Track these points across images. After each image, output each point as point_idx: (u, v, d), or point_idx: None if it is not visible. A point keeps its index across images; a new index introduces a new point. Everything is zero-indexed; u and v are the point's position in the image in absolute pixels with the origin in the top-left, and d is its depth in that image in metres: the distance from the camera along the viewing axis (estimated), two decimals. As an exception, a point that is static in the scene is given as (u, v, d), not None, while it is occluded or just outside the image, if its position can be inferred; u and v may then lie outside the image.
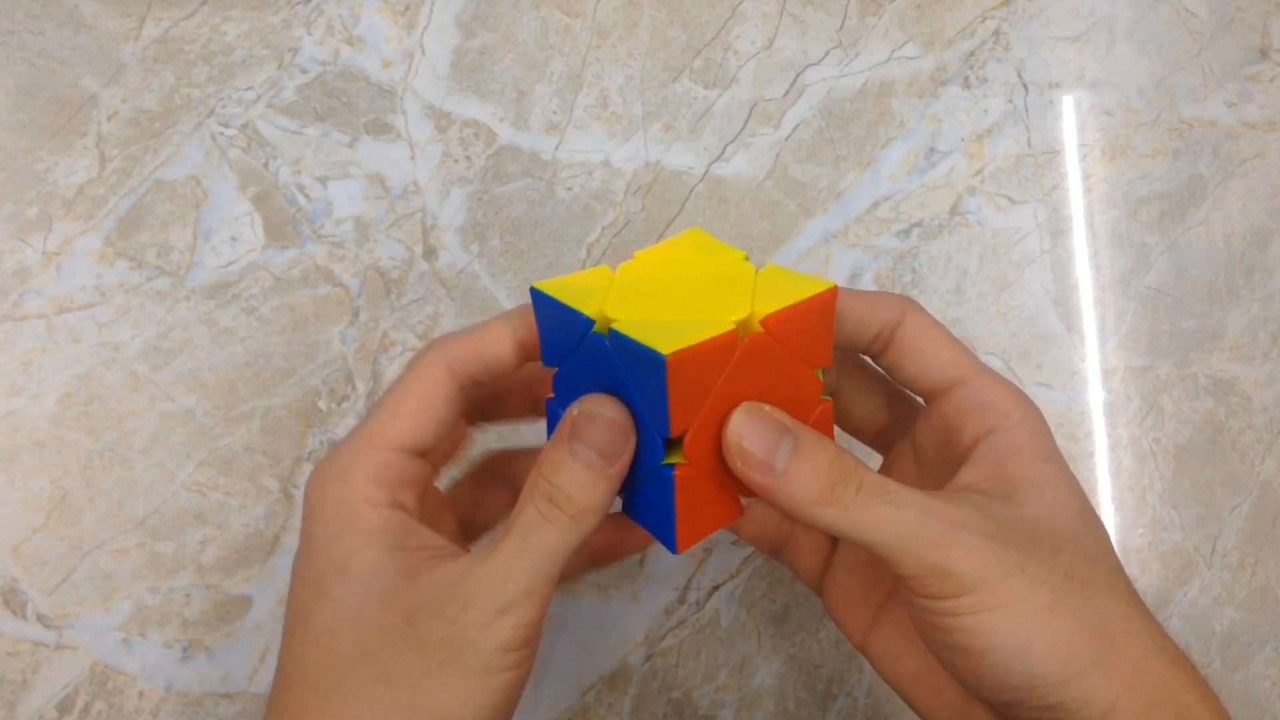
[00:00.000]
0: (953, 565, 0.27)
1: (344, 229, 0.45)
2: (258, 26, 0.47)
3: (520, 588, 0.27)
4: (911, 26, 0.50)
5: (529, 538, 0.27)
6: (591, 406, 0.27)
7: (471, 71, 0.47)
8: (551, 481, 0.27)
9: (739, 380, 0.27)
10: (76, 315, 0.43)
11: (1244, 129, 0.50)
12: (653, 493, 0.28)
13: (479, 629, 0.26)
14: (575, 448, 0.27)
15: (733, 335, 0.26)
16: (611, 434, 0.27)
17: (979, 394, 0.31)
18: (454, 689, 0.26)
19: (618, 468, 0.27)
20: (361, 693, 0.27)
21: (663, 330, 0.26)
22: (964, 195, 0.48)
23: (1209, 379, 0.47)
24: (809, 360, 0.29)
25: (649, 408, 0.27)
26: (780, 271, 0.29)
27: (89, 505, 0.41)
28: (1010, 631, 0.27)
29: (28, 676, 0.40)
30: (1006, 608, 0.27)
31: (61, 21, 0.46)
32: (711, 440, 0.28)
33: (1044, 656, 0.27)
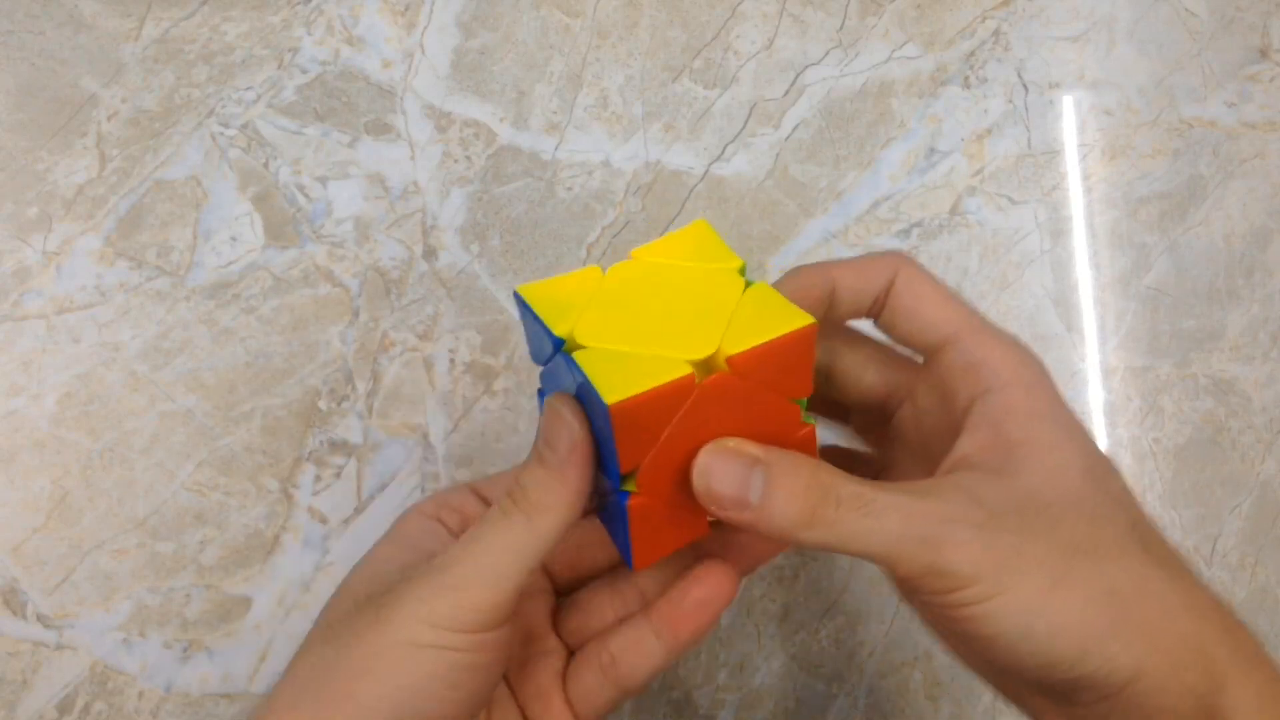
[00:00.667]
0: (946, 564, 0.26)
1: (344, 229, 0.45)
2: (258, 26, 0.47)
3: (464, 571, 0.27)
4: (911, 26, 0.50)
5: (482, 526, 0.28)
6: (551, 407, 0.28)
7: (471, 71, 0.47)
8: (518, 479, 0.28)
9: (700, 417, 0.26)
10: (76, 315, 0.43)
11: (1244, 129, 0.50)
12: (613, 512, 0.28)
13: (413, 599, 0.26)
14: (538, 447, 0.28)
15: (688, 381, 0.25)
16: (563, 433, 0.27)
17: (970, 353, 0.30)
18: (377, 653, 0.26)
19: (571, 468, 0.27)
20: (309, 648, 0.28)
21: (617, 370, 0.26)
22: (964, 195, 0.48)
23: (1209, 379, 0.47)
24: (785, 392, 0.28)
25: (602, 439, 0.26)
26: (765, 295, 0.28)
27: (89, 505, 0.41)
28: (1013, 616, 0.26)
29: (28, 676, 0.40)
30: (1006, 594, 0.26)
31: (61, 21, 0.46)
32: (668, 472, 0.27)
33: (1051, 636, 0.26)
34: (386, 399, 0.43)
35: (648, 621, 0.30)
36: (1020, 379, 0.30)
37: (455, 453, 0.43)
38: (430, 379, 0.44)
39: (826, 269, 0.32)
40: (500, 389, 0.44)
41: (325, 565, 0.42)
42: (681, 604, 0.30)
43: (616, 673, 0.30)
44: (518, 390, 0.44)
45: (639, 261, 0.30)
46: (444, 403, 0.44)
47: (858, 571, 0.45)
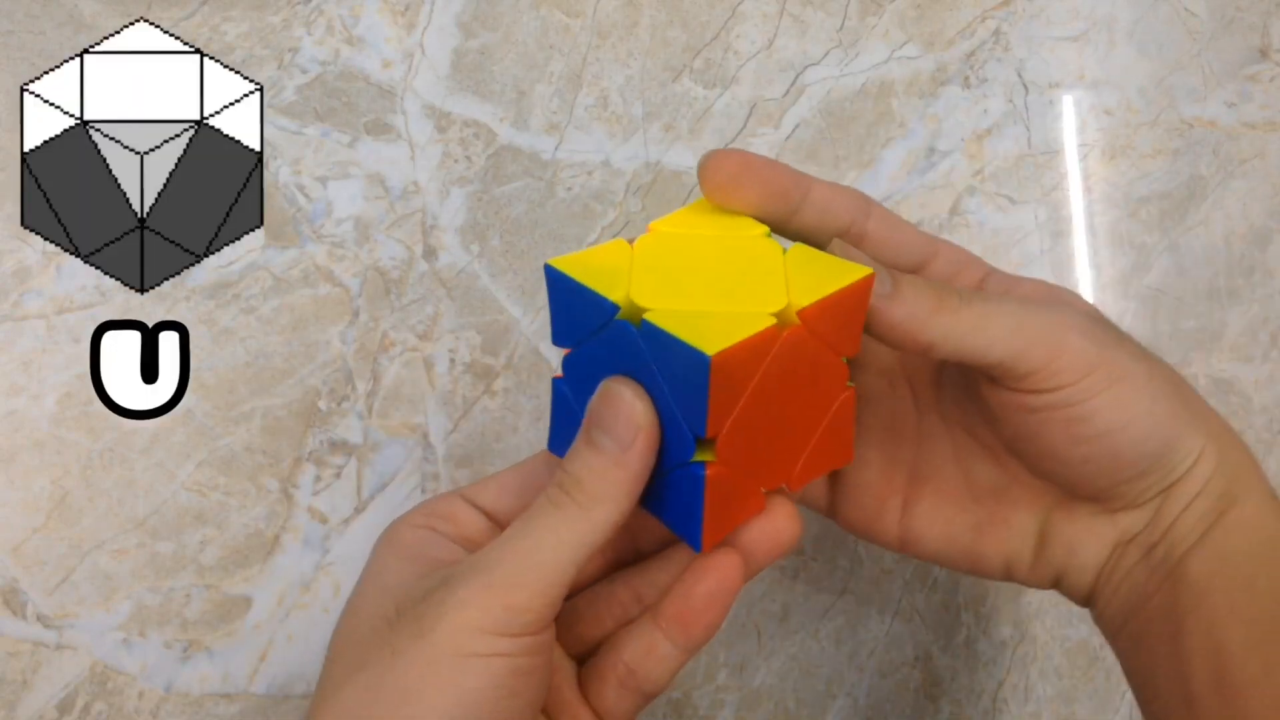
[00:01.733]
0: (1072, 342, 0.28)
1: (344, 229, 0.45)
2: (258, 26, 0.47)
3: (511, 570, 0.25)
4: (911, 26, 0.50)
5: (530, 520, 0.26)
6: (608, 389, 0.26)
7: (471, 71, 0.47)
8: (566, 468, 0.26)
9: (776, 375, 0.26)
10: (76, 315, 0.43)
11: (1244, 129, 0.50)
12: (678, 489, 0.27)
13: (457, 606, 0.25)
14: (592, 433, 0.26)
15: (775, 331, 0.25)
16: (628, 419, 0.26)
17: (956, 255, 0.32)
18: (422, 669, 0.24)
19: (633, 455, 0.26)
20: (343, 679, 0.26)
21: (702, 325, 0.24)
22: (964, 195, 0.48)
23: (1209, 379, 0.47)
24: (838, 349, 0.27)
25: (684, 404, 0.25)
26: (809, 253, 0.28)
27: (89, 505, 0.41)
28: (1139, 400, 0.28)
29: (28, 676, 0.40)
30: (1125, 380, 0.28)
31: (61, 21, 0.46)
32: (746, 437, 0.26)
33: (1164, 417, 0.28)
34: (386, 399, 0.43)
35: (656, 625, 0.29)
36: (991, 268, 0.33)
37: (455, 453, 0.43)
38: (430, 379, 0.44)
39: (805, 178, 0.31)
40: (500, 389, 0.44)
41: (325, 565, 0.42)
42: (690, 600, 0.28)
43: (636, 682, 0.29)
44: (518, 390, 0.44)
45: (662, 233, 0.29)
46: (444, 403, 0.44)
47: (858, 571, 0.45)
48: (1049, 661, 0.46)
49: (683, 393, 0.25)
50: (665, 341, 0.24)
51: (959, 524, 0.32)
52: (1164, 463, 0.29)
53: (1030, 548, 0.32)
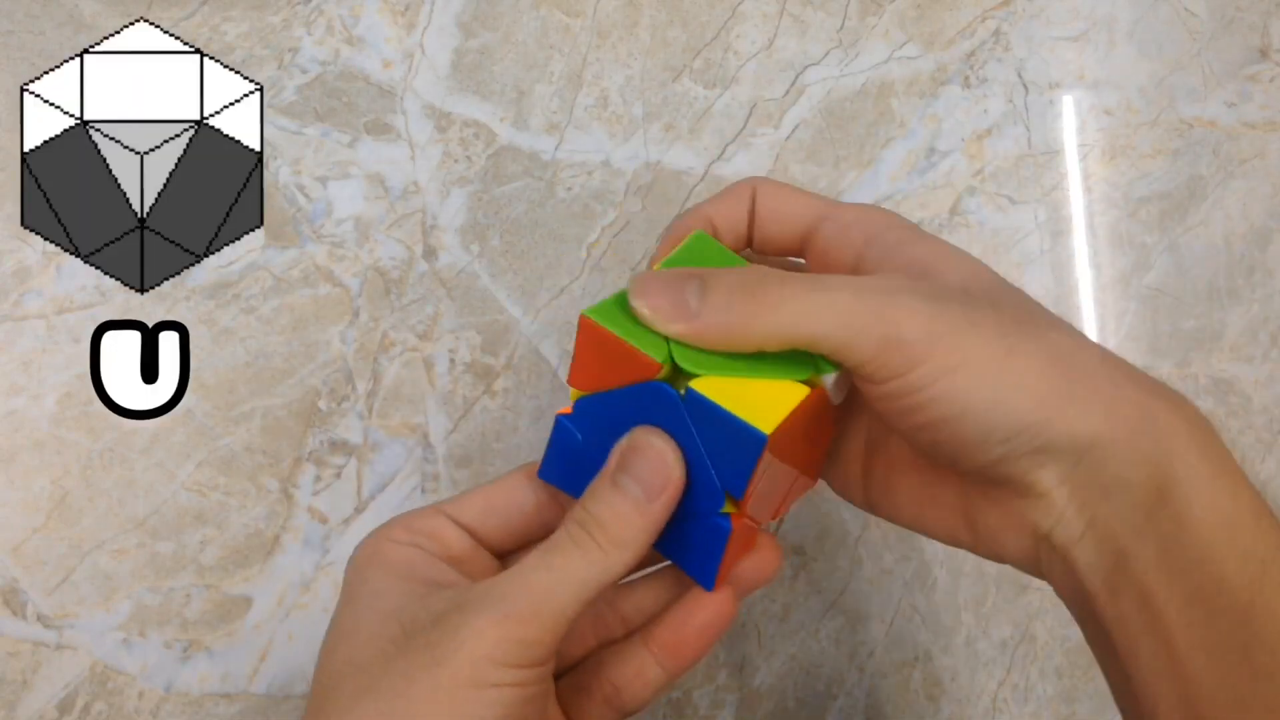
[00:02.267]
0: (902, 332, 0.26)
1: (344, 229, 0.45)
2: (258, 26, 0.47)
3: (528, 603, 0.25)
4: (911, 26, 0.50)
5: (550, 555, 0.26)
6: (643, 440, 0.27)
7: (471, 71, 0.47)
8: (587, 509, 0.27)
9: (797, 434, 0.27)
10: (76, 315, 0.43)
11: (1244, 129, 0.50)
12: (699, 536, 0.28)
13: (473, 635, 0.25)
14: (619, 478, 0.27)
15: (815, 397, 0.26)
16: (661, 471, 0.26)
17: (839, 219, 0.30)
18: (434, 698, 0.24)
19: (659, 506, 0.26)
20: (349, 704, 0.26)
21: (748, 398, 0.26)
22: (964, 195, 0.48)
23: (1209, 379, 0.47)
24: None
25: (725, 469, 0.26)
26: None
27: (89, 505, 0.41)
28: (978, 386, 0.26)
29: (28, 676, 0.40)
30: (968, 364, 0.26)
31: (61, 21, 0.46)
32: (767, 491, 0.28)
33: (1017, 400, 0.26)
34: (386, 399, 0.43)
35: (647, 649, 0.29)
36: (896, 223, 0.30)
37: (455, 453, 0.43)
38: (430, 379, 0.44)
39: (699, 210, 0.31)
40: (500, 389, 0.44)
41: (325, 565, 0.42)
42: (683, 631, 0.29)
43: (620, 701, 0.29)
44: (517, 390, 0.44)
45: None
46: (444, 403, 0.44)
47: (857, 571, 0.45)
48: (1049, 661, 0.46)
49: (727, 460, 0.26)
50: (714, 413, 0.26)
51: (907, 495, 0.32)
52: (1032, 447, 0.26)
53: (964, 526, 0.30)
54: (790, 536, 0.44)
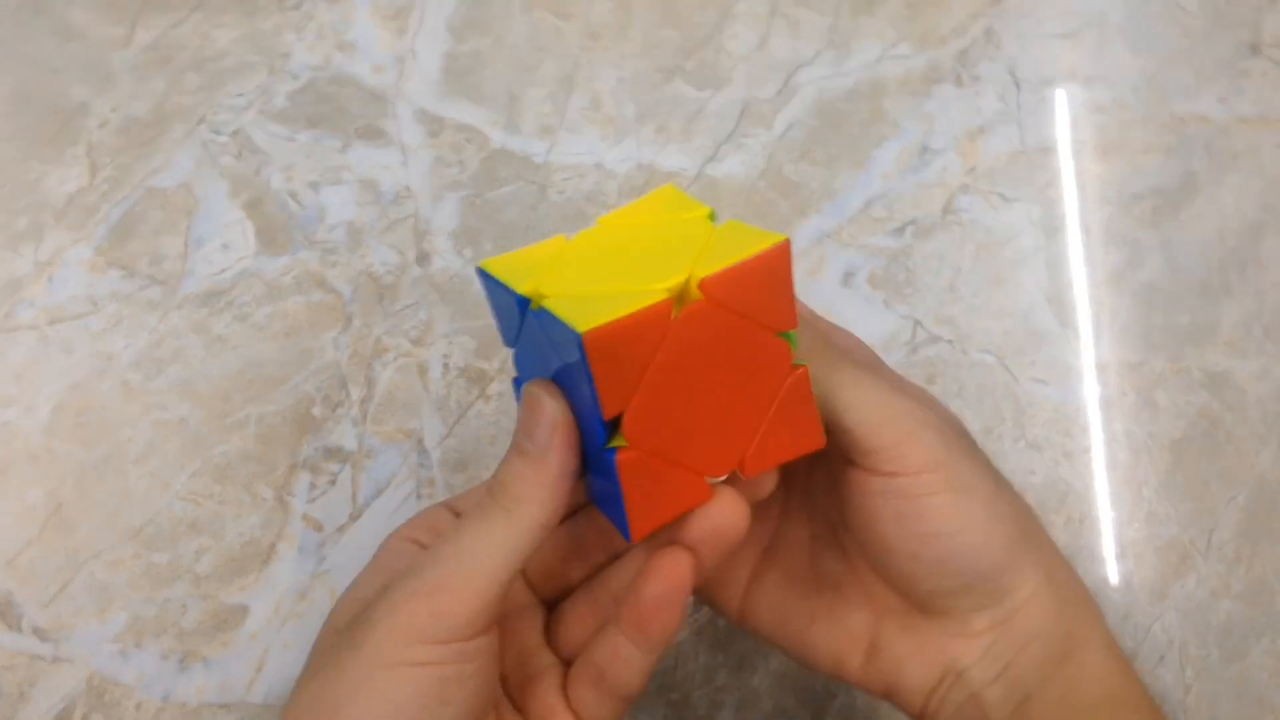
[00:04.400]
0: (928, 437, 0.28)
1: (336, 235, 0.45)
2: (249, 32, 0.46)
3: (438, 576, 0.25)
4: (904, 25, 0.50)
5: (460, 528, 0.26)
6: (529, 393, 0.26)
7: (463, 75, 0.47)
8: (495, 474, 0.27)
9: (684, 354, 0.25)
10: (69, 325, 0.43)
11: (1236, 124, 0.50)
12: (602, 478, 0.26)
13: (387, 613, 0.25)
14: (517, 437, 0.26)
15: (665, 305, 0.24)
16: (543, 422, 0.26)
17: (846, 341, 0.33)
18: (356, 681, 0.24)
19: (551, 454, 0.26)
20: (299, 687, 0.26)
21: (587, 305, 0.24)
22: (957, 193, 0.48)
23: (1203, 373, 0.47)
24: (769, 323, 0.26)
25: (583, 388, 0.25)
26: (736, 228, 0.27)
27: (84, 516, 0.41)
28: (978, 512, 0.28)
29: (25, 689, 0.39)
30: (972, 491, 0.28)
31: (51, 30, 0.46)
32: (659, 422, 0.25)
33: (999, 539, 0.28)
34: (381, 405, 0.43)
35: (619, 628, 0.29)
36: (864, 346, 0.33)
37: (450, 457, 0.43)
38: (424, 384, 0.44)
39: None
40: (494, 393, 0.44)
41: (321, 573, 0.42)
42: (642, 603, 0.28)
43: (608, 684, 0.29)
44: (511, 394, 0.44)
45: (605, 225, 0.29)
46: (438, 407, 0.44)
47: (856, 571, 0.45)
48: (1048, 659, 0.46)
49: (578, 376, 0.24)
50: (551, 324, 0.24)
51: (796, 610, 0.32)
52: (992, 586, 0.28)
53: (860, 651, 0.31)
54: (788, 537, 0.44)
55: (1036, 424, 0.45)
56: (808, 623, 0.32)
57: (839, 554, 0.32)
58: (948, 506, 0.28)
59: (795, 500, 0.34)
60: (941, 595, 0.29)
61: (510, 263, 0.27)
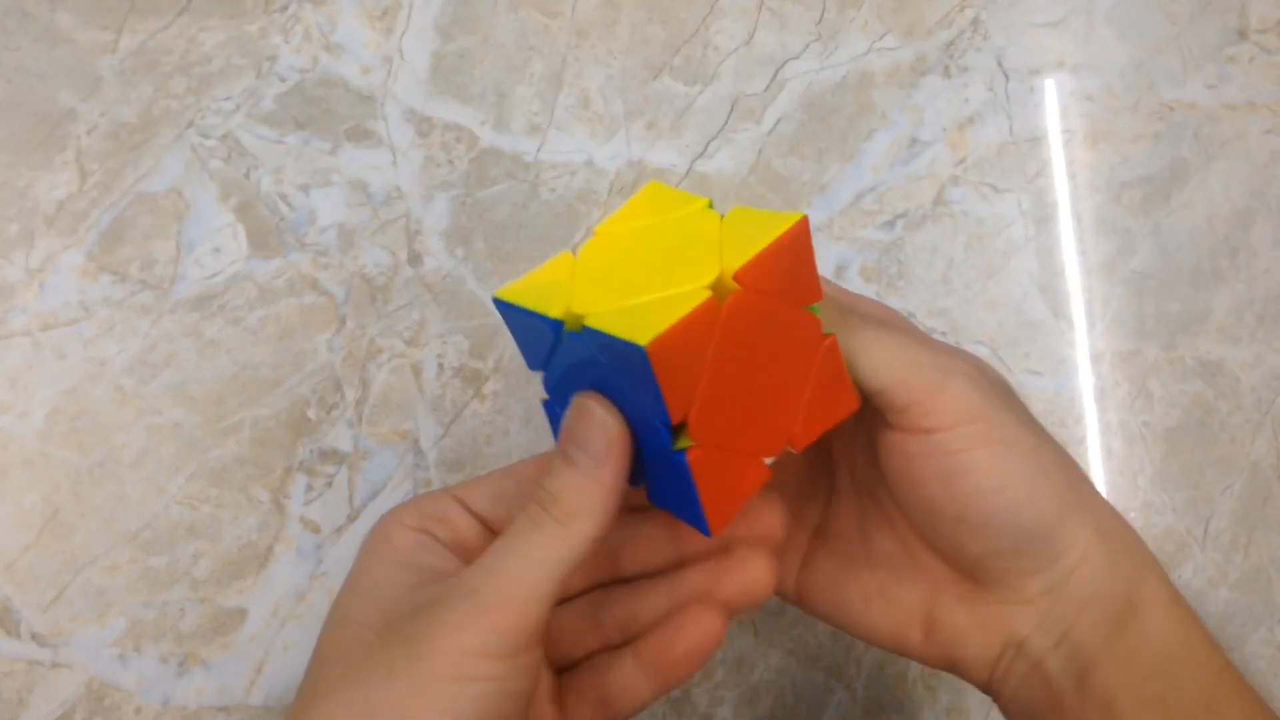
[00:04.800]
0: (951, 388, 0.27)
1: (327, 237, 0.45)
2: (235, 36, 0.46)
3: (498, 591, 0.25)
4: (890, 17, 0.50)
5: (513, 539, 0.26)
6: (580, 405, 0.27)
7: (451, 75, 0.47)
8: (544, 485, 0.26)
9: (733, 343, 0.25)
10: (61, 331, 0.43)
11: (1224, 110, 0.50)
12: (672, 480, 0.27)
13: (450, 629, 0.25)
14: (566, 449, 0.26)
15: (712, 303, 0.24)
16: (597, 433, 0.26)
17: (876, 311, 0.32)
18: (416, 692, 0.24)
19: (608, 469, 0.26)
20: (332, 693, 0.26)
21: (636, 315, 0.24)
22: (947, 185, 0.48)
23: (1196, 361, 0.47)
24: (797, 299, 0.27)
25: (644, 397, 0.25)
26: (745, 214, 0.27)
27: (80, 521, 0.41)
28: (1021, 467, 0.27)
29: (24, 695, 0.40)
30: (1011, 443, 0.27)
31: (37, 36, 0.46)
32: (719, 414, 0.26)
33: (1046, 494, 0.27)
34: (376, 406, 0.43)
35: (638, 663, 0.29)
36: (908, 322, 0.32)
37: (446, 458, 0.43)
38: (419, 385, 0.44)
39: None
40: (490, 392, 0.44)
41: (319, 575, 0.42)
42: (671, 652, 0.29)
43: (610, 709, 0.29)
44: (507, 393, 0.44)
45: (606, 234, 0.29)
46: (433, 408, 0.44)
47: (852, 564, 0.45)
48: (1045, 647, 0.46)
49: (639, 386, 0.25)
50: (606, 341, 0.24)
51: (851, 590, 0.32)
52: (1041, 546, 0.28)
53: (919, 627, 0.31)
54: (784, 531, 0.44)
55: (1030, 413, 0.45)
56: (863, 602, 0.31)
57: (889, 531, 0.32)
58: (987, 461, 0.27)
59: (842, 480, 0.34)
60: (991, 558, 0.28)
61: (526, 289, 0.27)
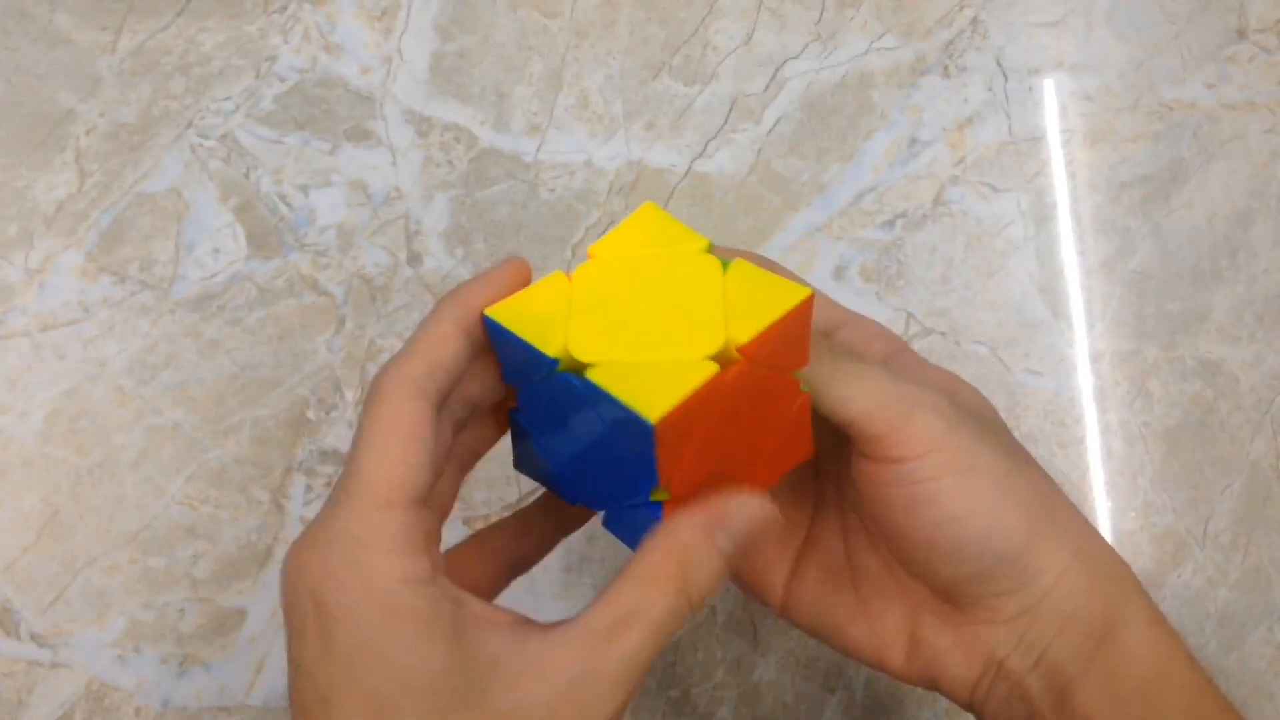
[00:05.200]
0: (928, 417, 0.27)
1: (327, 237, 0.45)
2: (234, 36, 0.46)
3: (638, 681, 0.24)
4: (889, 17, 0.50)
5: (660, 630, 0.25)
6: (749, 505, 0.27)
7: (450, 75, 0.47)
8: (689, 573, 0.26)
9: (722, 410, 0.26)
10: (61, 332, 0.43)
11: (1224, 110, 0.50)
12: (641, 524, 0.27)
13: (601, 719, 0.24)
14: (720, 538, 0.26)
15: (719, 380, 0.25)
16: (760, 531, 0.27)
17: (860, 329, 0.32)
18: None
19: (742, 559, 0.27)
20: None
21: (642, 381, 0.25)
22: (947, 185, 0.48)
23: (1196, 361, 0.47)
24: (787, 366, 0.28)
25: (635, 458, 0.26)
26: (749, 273, 0.28)
27: (80, 522, 0.41)
28: (988, 493, 0.28)
29: (23, 696, 0.40)
30: (979, 470, 0.28)
31: (37, 36, 0.46)
32: (700, 469, 0.27)
33: (1014, 519, 0.28)
34: (375, 406, 0.43)
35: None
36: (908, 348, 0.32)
37: (446, 458, 0.43)
38: (418, 385, 0.44)
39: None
40: (489, 393, 0.44)
41: (319, 575, 0.42)
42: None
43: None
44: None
45: (602, 260, 0.29)
46: (433, 408, 0.43)
47: (852, 564, 0.45)
48: (1045, 647, 0.46)
49: (632, 449, 0.25)
50: (609, 401, 0.25)
51: (834, 606, 0.32)
52: (1015, 569, 0.28)
53: (901, 647, 0.31)
54: (783, 531, 0.44)
55: (1031, 415, 0.45)
56: (847, 619, 0.31)
57: (872, 549, 0.32)
58: (953, 489, 0.27)
59: (828, 494, 0.34)
60: (964, 583, 0.29)
61: (519, 313, 0.27)
